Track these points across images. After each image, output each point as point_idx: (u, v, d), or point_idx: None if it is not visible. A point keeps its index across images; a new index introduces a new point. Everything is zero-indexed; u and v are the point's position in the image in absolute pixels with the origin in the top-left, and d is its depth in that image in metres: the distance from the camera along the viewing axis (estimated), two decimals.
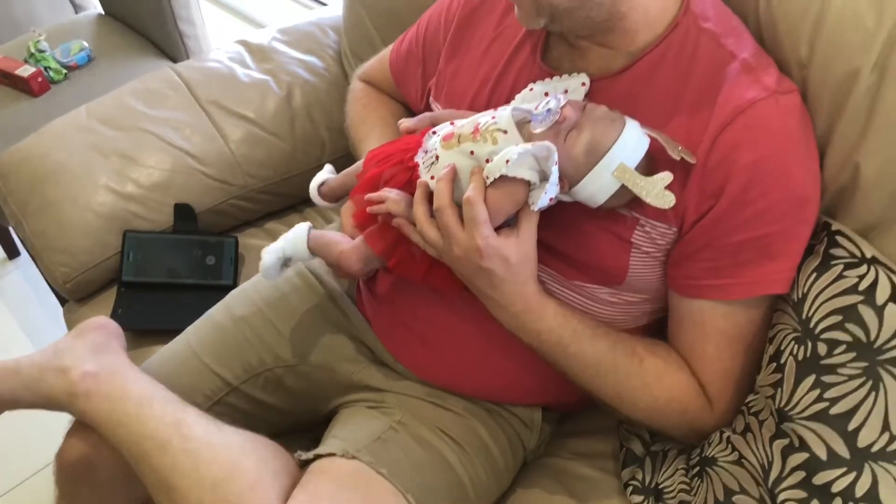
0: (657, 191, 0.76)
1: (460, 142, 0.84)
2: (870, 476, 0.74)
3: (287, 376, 1.07)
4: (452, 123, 0.88)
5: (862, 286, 0.79)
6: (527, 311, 0.85)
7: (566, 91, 0.86)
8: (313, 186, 1.05)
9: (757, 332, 0.88)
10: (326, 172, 1.07)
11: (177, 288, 1.33)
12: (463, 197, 0.79)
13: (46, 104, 1.89)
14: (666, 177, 0.76)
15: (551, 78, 0.89)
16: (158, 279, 1.33)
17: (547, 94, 0.86)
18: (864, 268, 0.80)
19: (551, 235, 0.88)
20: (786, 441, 0.81)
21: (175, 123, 1.43)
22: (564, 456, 1.07)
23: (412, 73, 1.14)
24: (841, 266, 0.81)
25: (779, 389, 0.83)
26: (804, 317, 0.82)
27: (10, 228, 2.12)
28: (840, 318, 0.79)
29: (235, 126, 1.45)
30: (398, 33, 1.20)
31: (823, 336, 0.80)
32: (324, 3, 2.48)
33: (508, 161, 0.76)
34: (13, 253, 2.26)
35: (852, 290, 0.79)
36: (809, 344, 0.81)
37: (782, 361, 0.83)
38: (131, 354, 1.04)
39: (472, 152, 0.82)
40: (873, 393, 0.75)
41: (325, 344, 1.07)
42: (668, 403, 0.89)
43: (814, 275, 0.83)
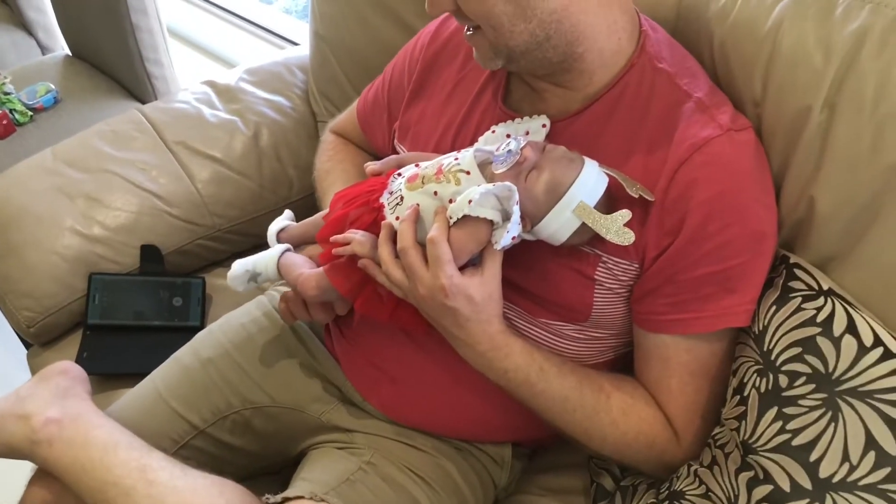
0: (616, 228, 0.78)
1: (424, 183, 0.84)
2: None
3: (255, 418, 1.06)
4: (417, 165, 0.89)
5: (819, 318, 0.80)
6: (492, 350, 0.85)
7: (528, 132, 0.88)
8: (272, 232, 1.05)
9: (720, 366, 0.89)
10: (286, 219, 1.07)
11: (143, 330, 1.32)
12: (427, 237, 0.80)
13: (11, 146, 1.88)
14: (625, 214, 0.78)
15: (513, 120, 0.90)
16: (125, 321, 1.32)
17: (509, 136, 0.87)
18: (822, 300, 0.81)
19: (516, 274, 0.89)
20: (751, 473, 0.81)
21: (142, 165, 1.42)
22: (535, 492, 1.07)
23: (378, 119, 1.15)
24: (799, 298, 0.83)
25: (743, 422, 0.83)
26: (765, 349, 0.83)
27: None
28: (800, 350, 0.80)
29: (202, 166, 1.45)
30: (363, 72, 1.22)
31: (784, 368, 0.81)
32: (296, 43, 2.48)
33: (471, 201, 0.77)
34: None
35: (811, 322, 0.81)
36: (771, 376, 0.82)
37: (745, 394, 0.84)
38: (97, 398, 1.02)
39: (436, 193, 0.83)
40: (833, 424, 0.76)
41: (294, 384, 1.06)
42: (636, 437, 0.89)
43: (773, 307, 0.84)
